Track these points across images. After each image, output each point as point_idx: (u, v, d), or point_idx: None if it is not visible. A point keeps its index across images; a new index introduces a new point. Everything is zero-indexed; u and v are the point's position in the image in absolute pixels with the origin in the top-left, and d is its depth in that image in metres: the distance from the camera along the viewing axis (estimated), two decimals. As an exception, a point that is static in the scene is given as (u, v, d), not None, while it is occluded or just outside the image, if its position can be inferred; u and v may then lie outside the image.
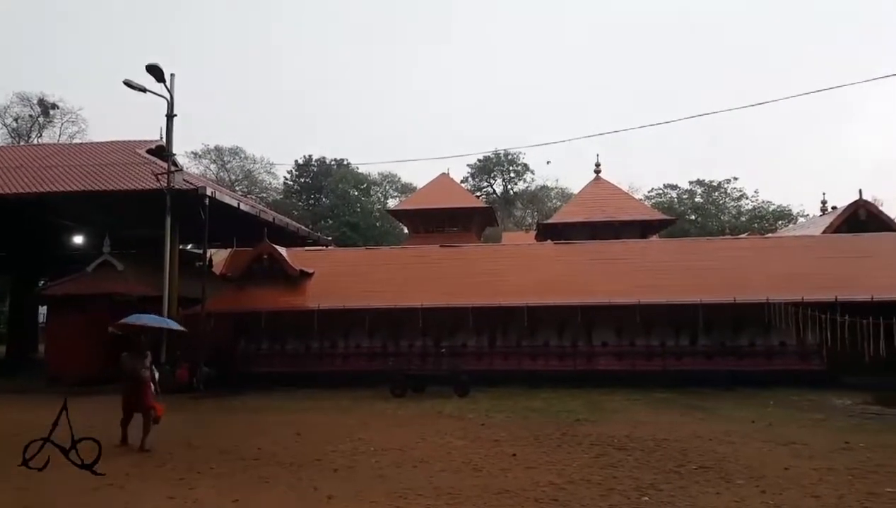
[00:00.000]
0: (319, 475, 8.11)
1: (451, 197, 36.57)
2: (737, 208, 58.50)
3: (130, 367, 10.00)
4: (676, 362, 18.32)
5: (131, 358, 10.10)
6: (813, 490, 7.12)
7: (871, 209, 23.69)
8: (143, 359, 10.11)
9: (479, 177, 66.61)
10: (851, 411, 13.24)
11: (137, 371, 9.96)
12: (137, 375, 9.93)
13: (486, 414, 13.02)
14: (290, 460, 8.95)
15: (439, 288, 19.29)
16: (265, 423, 12.27)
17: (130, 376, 9.96)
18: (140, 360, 10.07)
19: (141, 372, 9.96)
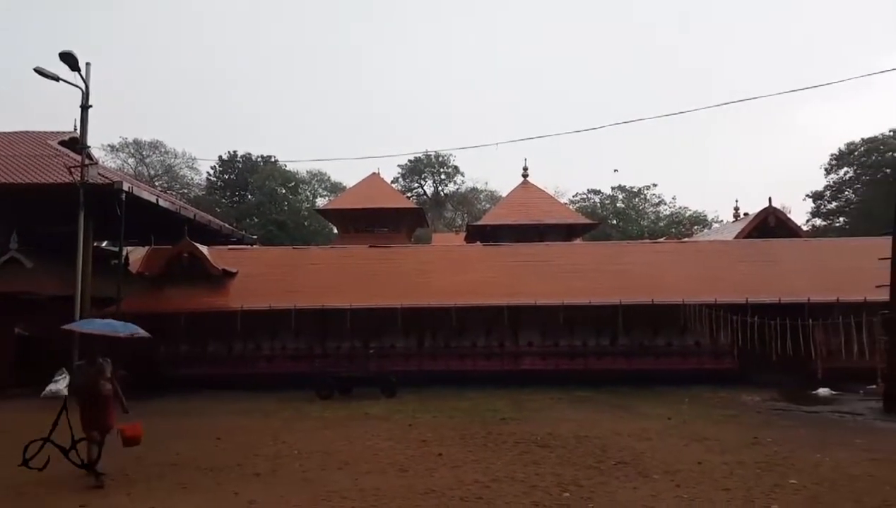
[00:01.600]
0: (241, 480, 7.90)
1: (381, 197, 36.42)
2: (656, 213, 61.04)
3: (86, 381, 8.23)
4: (597, 361, 18.90)
5: (86, 368, 8.41)
6: (724, 483, 7.49)
7: (780, 216, 25.21)
8: (102, 370, 8.31)
9: (410, 178, 66.65)
10: (760, 408, 14.02)
11: (96, 385, 8.14)
12: (96, 390, 8.11)
13: (414, 415, 13.03)
14: (209, 465, 8.67)
15: (368, 289, 19.16)
16: (184, 428, 11.82)
17: (87, 391, 8.14)
18: (98, 371, 8.28)
19: (100, 385, 8.16)
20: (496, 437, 10.51)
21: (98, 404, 8.11)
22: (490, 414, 13.14)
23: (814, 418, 12.74)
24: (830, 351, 16.65)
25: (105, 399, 8.18)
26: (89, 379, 8.20)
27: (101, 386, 8.18)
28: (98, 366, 8.31)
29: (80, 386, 8.31)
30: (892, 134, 48.88)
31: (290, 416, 13.19)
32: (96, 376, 8.22)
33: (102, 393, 8.16)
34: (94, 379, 8.19)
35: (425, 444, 9.97)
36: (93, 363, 8.39)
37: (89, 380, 8.19)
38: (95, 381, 8.17)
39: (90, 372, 8.30)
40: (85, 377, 8.30)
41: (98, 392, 8.13)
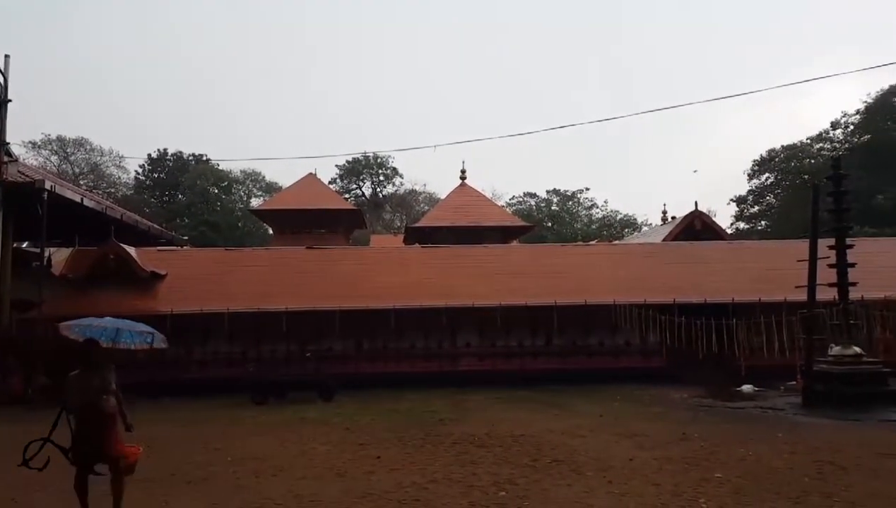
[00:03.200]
0: (172, 488, 7.65)
1: (318, 198, 35.91)
2: (588, 217, 62.68)
3: (85, 396, 6.21)
4: (533, 361, 19.24)
5: (85, 379, 6.27)
6: (654, 478, 7.74)
7: (706, 220, 26.32)
8: (106, 381, 6.35)
9: (348, 179, 66.05)
10: (687, 404, 14.57)
11: (97, 399, 6.22)
12: (98, 406, 6.22)
13: (352, 418, 12.92)
14: (138, 474, 8.30)
15: (304, 291, 18.88)
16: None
17: (86, 408, 6.22)
18: (99, 382, 6.30)
19: (103, 400, 6.25)
20: (434, 438, 10.54)
21: (101, 426, 6.21)
22: (429, 415, 13.17)
23: (738, 413, 13.34)
24: (753, 349, 17.46)
25: (110, 419, 6.30)
26: (90, 394, 6.20)
27: (105, 402, 6.26)
28: (101, 376, 6.32)
29: (79, 404, 6.21)
30: (810, 141, 51.76)
31: (223, 422, 12.84)
32: (99, 390, 6.23)
33: (107, 411, 6.26)
34: (95, 393, 6.21)
35: (363, 447, 9.90)
36: (93, 371, 6.33)
37: (90, 396, 6.20)
38: (98, 396, 6.21)
39: (90, 384, 6.24)
40: (83, 391, 6.22)
41: (101, 410, 6.22)
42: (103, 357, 6.55)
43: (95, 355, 6.45)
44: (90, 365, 6.36)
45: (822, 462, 8.43)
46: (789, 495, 6.91)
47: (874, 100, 47.55)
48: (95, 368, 6.35)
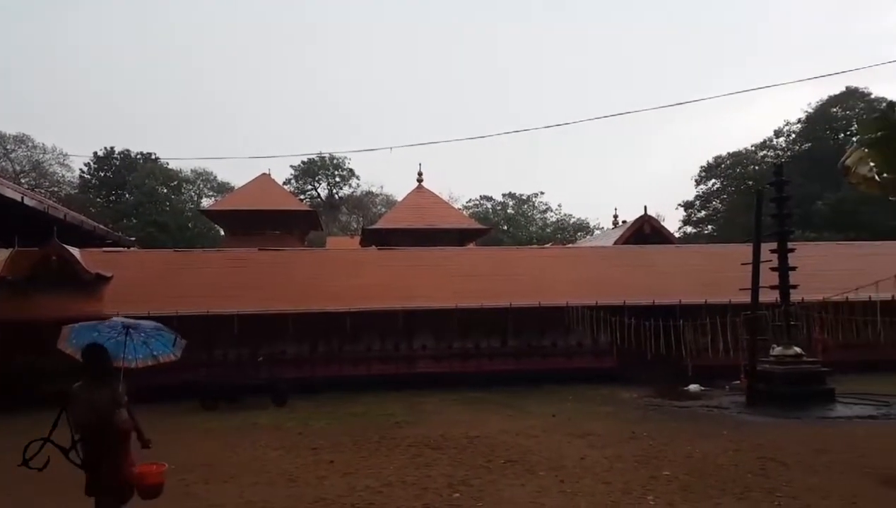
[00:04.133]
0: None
1: (272, 198, 35.36)
2: (543, 220, 63.62)
3: (94, 411, 5.17)
4: (489, 362, 19.38)
5: (91, 392, 5.25)
6: (604, 476, 7.91)
7: (654, 224, 27.00)
8: (116, 392, 5.38)
9: (303, 180, 65.30)
10: (637, 403, 14.90)
11: (109, 417, 5.20)
12: (111, 423, 5.21)
13: (305, 423, 12.78)
14: (83, 483, 8.07)
15: (257, 294, 18.57)
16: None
17: (97, 426, 5.19)
18: (109, 394, 5.30)
19: (115, 418, 5.25)
20: (389, 441, 10.52)
21: (115, 447, 5.25)
22: (384, 418, 13.13)
23: (685, 412, 13.71)
24: (699, 350, 17.97)
25: (124, 437, 5.34)
26: (101, 410, 5.17)
27: (117, 418, 5.25)
28: (110, 387, 5.35)
29: (88, 422, 5.20)
30: (754, 149, 53.63)
31: (173, 428, 12.51)
32: (110, 403, 5.24)
33: (119, 427, 5.25)
34: (107, 407, 5.21)
35: (316, 452, 9.81)
36: (100, 382, 5.32)
37: (101, 411, 5.17)
38: (108, 411, 5.19)
39: (100, 396, 5.22)
40: (92, 406, 5.17)
41: (115, 428, 5.22)
42: (111, 364, 5.58)
43: (103, 362, 5.42)
44: (97, 374, 5.33)
45: (765, 458, 8.74)
46: (734, 491, 7.14)
47: (814, 110, 49.62)
48: (103, 378, 5.35)
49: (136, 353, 6.53)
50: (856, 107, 46.06)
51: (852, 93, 47.17)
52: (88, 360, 5.40)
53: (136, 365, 6.55)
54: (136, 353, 6.51)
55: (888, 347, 16.75)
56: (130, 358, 6.40)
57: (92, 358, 5.41)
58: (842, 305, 17.27)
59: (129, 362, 6.36)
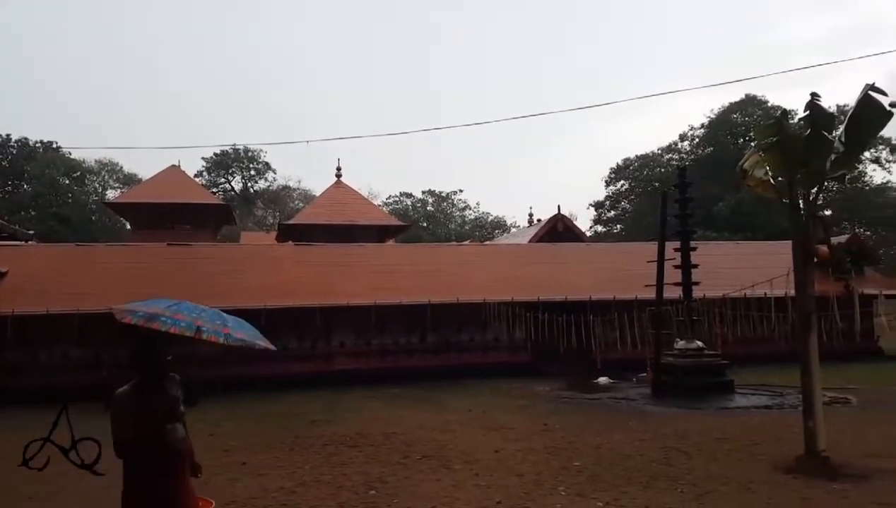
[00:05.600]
0: (12, 505, 6.97)
1: (182, 191, 33.88)
2: (462, 218, 64.38)
3: (142, 423, 3.86)
4: (408, 359, 19.44)
5: (141, 399, 3.93)
6: (517, 469, 8.10)
7: (567, 223, 27.93)
8: (171, 401, 4.08)
9: (216, 173, 62.96)
10: (550, 396, 15.34)
11: (161, 430, 3.90)
12: (163, 441, 3.89)
13: (217, 424, 12.37)
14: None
15: (165, 291, 17.59)
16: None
17: (144, 444, 3.86)
18: (162, 403, 4.00)
19: (169, 432, 3.94)
20: (304, 441, 10.35)
21: (166, 472, 3.88)
22: (300, 417, 12.91)
23: (595, 404, 14.24)
24: (608, 344, 18.71)
25: (179, 460, 3.98)
26: (150, 422, 3.84)
27: (171, 435, 3.93)
28: (164, 394, 4.02)
29: (133, 438, 3.84)
30: (661, 152, 56.22)
31: (78, 433, 11.81)
32: (163, 416, 3.92)
33: (175, 448, 3.93)
34: (158, 420, 3.88)
35: (228, 453, 9.52)
36: (153, 387, 3.99)
37: (151, 424, 3.84)
38: (161, 425, 3.88)
39: (150, 406, 3.89)
40: (141, 418, 3.84)
41: (167, 447, 3.88)
42: (169, 363, 4.20)
43: (159, 360, 4.06)
44: (149, 376, 3.99)
45: (669, 448, 9.17)
46: (640, 480, 7.47)
47: (716, 116, 52.57)
48: (157, 381, 4.01)
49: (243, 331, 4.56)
50: (754, 113, 49.14)
51: (751, 101, 50.30)
52: (141, 357, 4.02)
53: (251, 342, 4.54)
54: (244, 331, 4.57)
55: (781, 341, 17.98)
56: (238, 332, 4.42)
57: (145, 354, 4.02)
58: (739, 301, 18.45)
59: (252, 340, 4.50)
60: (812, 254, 8.45)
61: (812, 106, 8.03)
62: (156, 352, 4.08)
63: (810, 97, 8.04)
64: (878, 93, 7.56)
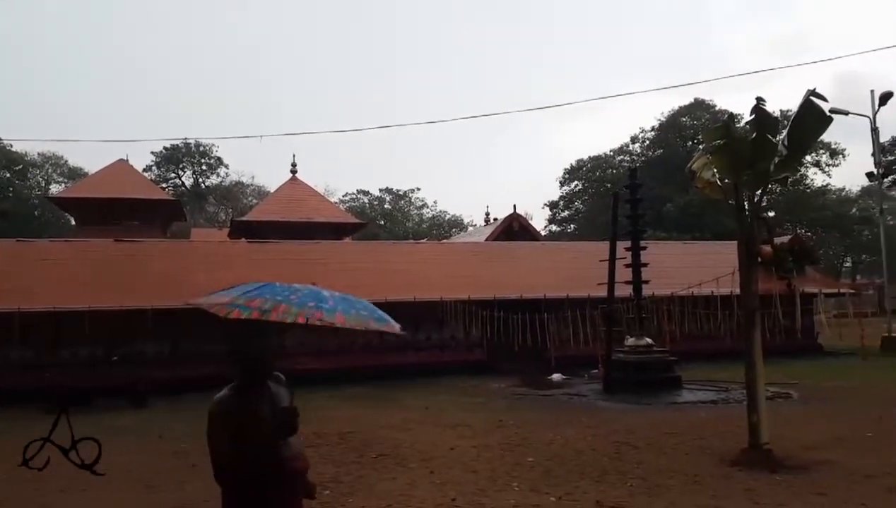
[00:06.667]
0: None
1: (130, 186, 32.86)
2: (419, 216, 64.43)
3: (250, 440, 2.90)
4: (364, 357, 19.30)
5: (247, 407, 3.00)
6: (472, 466, 8.16)
7: (522, 222, 28.26)
8: (284, 410, 3.04)
9: (166, 168, 61.31)
10: (505, 393, 15.49)
11: (273, 448, 2.93)
12: (276, 462, 2.94)
13: (166, 426, 12.09)
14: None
15: (112, 289, 17.26)
16: None
17: (255, 466, 2.90)
18: (270, 411, 3.02)
19: (283, 449, 2.97)
20: (258, 441, 10.20)
21: (276, 498, 3.00)
22: (253, 417, 12.70)
23: (548, 400, 14.45)
24: (562, 341, 18.99)
25: (292, 483, 3.10)
26: (261, 438, 2.93)
27: (287, 451, 3.03)
28: (275, 402, 3.14)
29: (230, 453, 2.93)
30: (613, 153, 57.32)
31: (12, 437, 11.36)
32: (274, 429, 2.98)
33: (289, 467, 3.04)
34: (267, 435, 2.95)
35: (177, 456, 9.32)
36: (258, 394, 3.13)
37: (257, 441, 2.93)
38: (273, 442, 2.97)
39: (258, 416, 2.99)
40: (249, 432, 2.93)
41: (281, 469, 2.99)
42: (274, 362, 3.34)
43: (265, 360, 3.26)
44: (254, 379, 3.17)
45: (620, 443, 9.39)
46: (591, 475, 7.62)
47: (666, 119, 53.90)
48: (262, 386, 3.18)
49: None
50: (702, 117, 50.59)
51: (700, 105, 51.75)
52: (244, 357, 3.18)
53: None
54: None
55: (727, 337, 18.55)
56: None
57: (250, 352, 3.18)
58: (687, 299, 18.99)
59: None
60: (756, 254, 8.77)
61: (757, 110, 8.33)
62: (261, 346, 3.23)
63: (756, 101, 8.34)
64: (819, 99, 7.90)
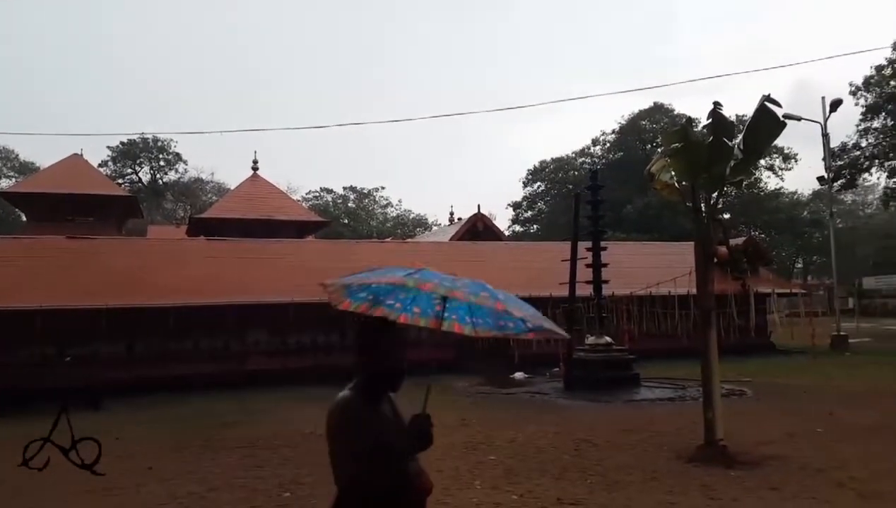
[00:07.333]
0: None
1: (84, 181, 31.93)
2: (384, 215, 64.16)
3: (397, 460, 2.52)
4: (327, 357, 19.11)
5: (383, 419, 2.70)
6: (437, 464, 8.15)
7: (486, 222, 28.43)
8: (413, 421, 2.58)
9: (122, 163, 59.77)
10: (469, 392, 15.55)
11: (410, 466, 2.56)
12: (416, 481, 2.58)
13: (122, 428, 11.75)
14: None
15: (64, 287, 16.74)
16: None
17: (402, 490, 2.50)
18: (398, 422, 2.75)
19: (410, 466, 2.57)
20: (216, 444, 10.02)
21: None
22: (211, 419, 12.46)
23: (511, 399, 14.55)
24: (524, 340, 19.07)
25: (421, 501, 2.65)
26: (399, 452, 2.56)
27: (417, 469, 2.63)
28: (395, 410, 2.90)
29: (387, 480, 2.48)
30: (574, 155, 58.03)
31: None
32: (417, 440, 2.53)
33: (418, 486, 2.62)
34: (406, 448, 2.56)
35: (133, 458, 9.08)
36: (387, 399, 2.87)
37: (401, 454, 2.56)
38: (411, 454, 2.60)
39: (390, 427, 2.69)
40: (387, 443, 2.54)
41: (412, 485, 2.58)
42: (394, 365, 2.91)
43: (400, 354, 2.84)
44: (386, 379, 2.83)
45: (580, 440, 9.51)
46: (552, 472, 7.71)
47: (626, 122, 54.83)
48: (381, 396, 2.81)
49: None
50: (661, 120, 51.62)
51: (659, 109, 52.78)
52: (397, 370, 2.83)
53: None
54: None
55: (684, 336, 18.97)
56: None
57: (401, 366, 2.85)
58: (645, 299, 19.34)
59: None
60: (712, 255, 8.98)
61: (714, 114, 8.53)
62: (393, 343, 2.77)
63: (713, 106, 8.54)
64: (773, 105, 8.13)
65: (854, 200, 66.58)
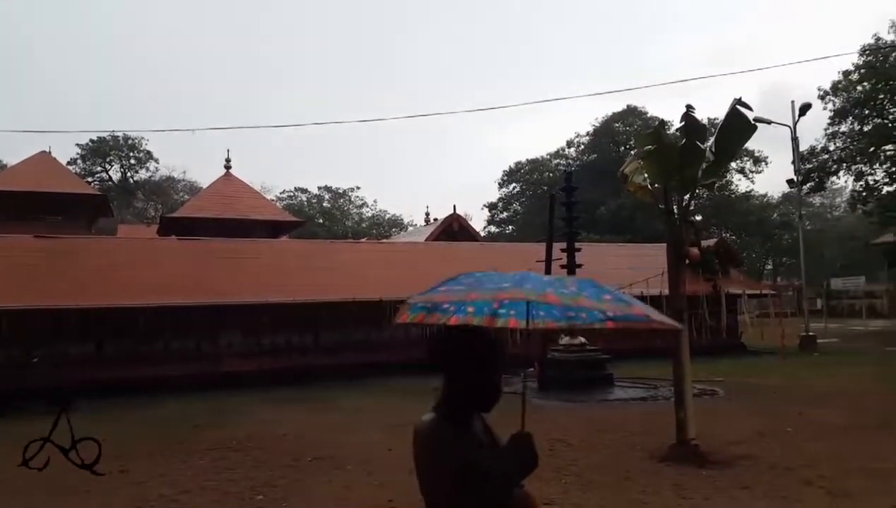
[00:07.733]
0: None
1: (52, 180, 31.26)
2: (359, 215, 63.94)
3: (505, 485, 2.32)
4: (302, 358, 18.97)
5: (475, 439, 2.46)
6: (411, 466, 8.05)
7: (462, 222, 28.50)
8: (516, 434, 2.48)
9: (91, 161, 58.69)
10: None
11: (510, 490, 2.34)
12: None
13: (90, 430, 11.49)
14: None
15: (31, 287, 16.37)
16: None
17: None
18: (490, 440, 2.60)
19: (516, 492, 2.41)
20: (188, 446, 9.87)
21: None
22: (183, 422, 12.27)
23: (486, 399, 14.53)
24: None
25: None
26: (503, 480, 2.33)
27: (523, 493, 2.55)
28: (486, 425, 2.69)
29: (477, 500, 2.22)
30: (549, 157, 58.44)
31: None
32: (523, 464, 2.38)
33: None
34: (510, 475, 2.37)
35: (104, 461, 8.88)
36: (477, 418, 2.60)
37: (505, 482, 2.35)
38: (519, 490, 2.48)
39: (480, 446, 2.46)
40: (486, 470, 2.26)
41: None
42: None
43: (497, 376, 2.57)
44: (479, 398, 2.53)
45: (554, 440, 9.53)
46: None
47: (601, 124, 55.38)
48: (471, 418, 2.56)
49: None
50: (634, 123, 52.23)
51: (632, 111, 53.39)
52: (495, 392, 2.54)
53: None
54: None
55: (656, 336, 19.16)
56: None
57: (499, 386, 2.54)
58: (619, 299, 19.42)
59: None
60: (684, 256, 9.10)
61: (687, 117, 8.65)
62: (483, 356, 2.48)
63: (685, 109, 8.66)
64: (744, 108, 8.27)
65: (822, 203, 68.10)
